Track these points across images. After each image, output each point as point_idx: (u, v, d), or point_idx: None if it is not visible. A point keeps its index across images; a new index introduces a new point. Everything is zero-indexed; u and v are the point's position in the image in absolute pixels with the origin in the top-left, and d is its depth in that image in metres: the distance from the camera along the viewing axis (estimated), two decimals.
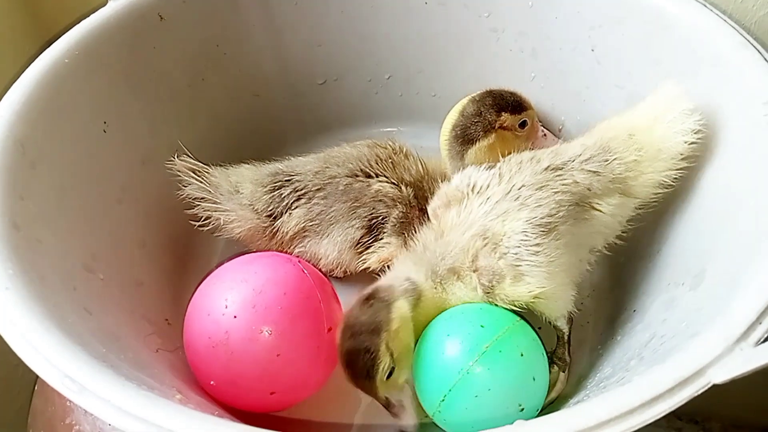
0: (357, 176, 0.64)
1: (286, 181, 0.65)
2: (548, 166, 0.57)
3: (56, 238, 0.52)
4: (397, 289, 0.53)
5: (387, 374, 0.51)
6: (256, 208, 0.64)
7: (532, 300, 0.53)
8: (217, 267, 0.57)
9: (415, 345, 0.54)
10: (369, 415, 0.59)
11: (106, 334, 0.49)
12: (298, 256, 0.62)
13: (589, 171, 0.56)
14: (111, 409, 0.38)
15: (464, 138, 0.64)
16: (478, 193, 0.57)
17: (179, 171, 0.64)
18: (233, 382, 0.52)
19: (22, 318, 0.42)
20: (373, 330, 0.50)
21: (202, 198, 0.64)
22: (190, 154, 0.65)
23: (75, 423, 0.59)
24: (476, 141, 0.64)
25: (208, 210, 0.64)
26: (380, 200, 0.63)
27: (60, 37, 0.60)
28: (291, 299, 0.53)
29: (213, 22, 0.70)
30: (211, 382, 0.53)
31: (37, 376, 0.41)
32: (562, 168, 0.57)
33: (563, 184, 0.55)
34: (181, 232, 0.67)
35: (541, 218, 0.53)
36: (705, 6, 0.60)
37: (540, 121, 0.69)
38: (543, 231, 0.53)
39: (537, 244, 0.53)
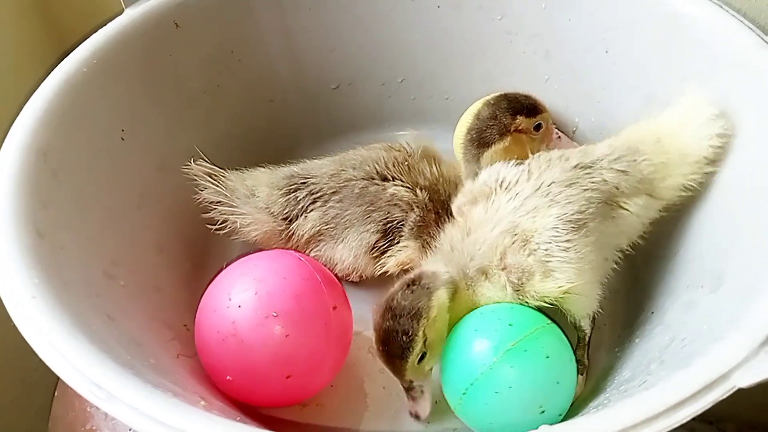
0: (373, 179, 0.64)
1: (301, 183, 0.65)
2: (577, 164, 0.57)
3: (78, 246, 0.53)
4: (440, 277, 0.54)
5: (419, 358, 0.52)
6: (272, 211, 0.64)
7: (561, 296, 0.53)
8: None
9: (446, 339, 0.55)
10: (374, 421, 0.59)
11: (129, 340, 0.49)
12: (296, 249, 0.63)
13: (618, 170, 0.57)
14: (140, 417, 0.38)
15: (480, 141, 0.64)
16: (506, 189, 0.57)
17: (196, 175, 0.65)
18: (248, 371, 0.53)
19: (49, 326, 0.42)
20: (414, 315, 0.52)
21: (218, 201, 0.65)
22: (206, 159, 0.66)
23: (95, 428, 0.60)
24: (492, 144, 0.64)
25: (225, 213, 0.65)
26: (395, 204, 0.63)
27: (78, 46, 0.61)
28: (291, 282, 0.54)
29: (228, 28, 0.70)
30: (228, 377, 0.53)
31: (58, 380, 0.41)
32: (591, 166, 0.57)
33: (592, 182, 0.56)
34: (198, 237, 0.67)
35: (572, 215, 0.54)
36: (720, 6, 0.59)
37: (554, 124, 0.69)
38: (573, 227, 0.54)
39: (567, 240, 0.53)
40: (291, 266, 0.56)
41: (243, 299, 0.52)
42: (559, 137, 0.68)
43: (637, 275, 0.64)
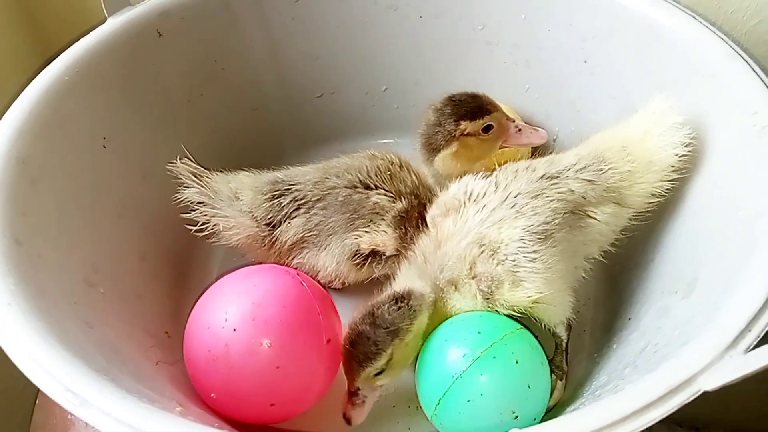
0: (356, 187, 0.65)
1: (285, 190, 0.65)
2: (543, 175, 0.58)
3: (57, 253, 0.53)
4: (425, 300, 0.54)
5: (376, 372, 0.53)
6: (255, 215, 0.64)
7: (531, 306, 0.54)
8: (216, 280, 0.58)
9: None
10: (354, 427, 0.59)
11: (107, 347, 0.49)
12: (296, 269, 0.62)
13: (584, 180, 0.57)
14: (112, 422, 0.38)
15: (429, 147, 0.64)
16: (474, 201, 0.58)
17: (180, 174, 0.64)
18: (233, 394, 0.53)
19: (24, 333, 0.42)
20: (391, 332, 0.52)
21: (201, 202, 0.64)
22: (192, 159, 0.66)
23: None
24: (440, 149, 0.64)
25: (207, 215, 0.64)
26: (377, 213, 0.63)
27: (60, 54, 0.61)
28: (290, 312, 0.53)
29: (211, 38, 0.71)
30: (212, 395, 0.53)
31: (39, 390, 0.41)
32: (558, 177, 0.58)
33: (558, 192, 0.56)
34: (180, 245, 0.67)
35: (538, 226, 0.54)
36: (695, 18, 0.61)
37: (518, 118, 0.68)
38: (540, 238, 0.54)
39: (534, 251, 0.54)
40: (292, 292, 0.55)
41: (239, 323, 0.52)
42: (520, 130, 0.65)
43: (616, 282, 0.65)
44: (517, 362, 0.51)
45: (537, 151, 0.68)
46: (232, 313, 0.52)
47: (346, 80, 0.79)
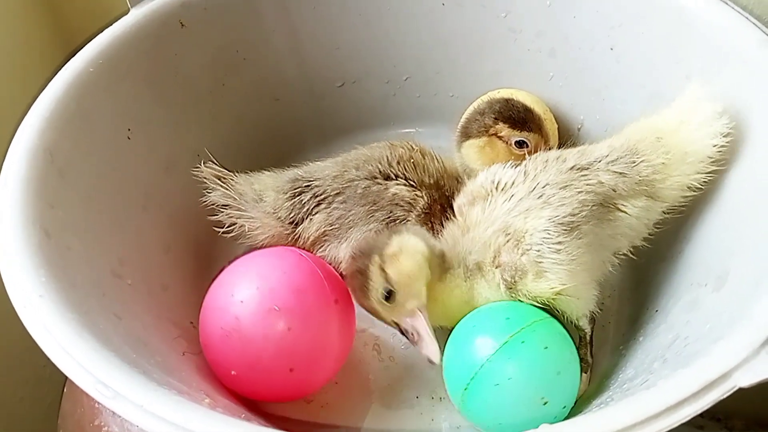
0: (375, 178, 0.64)
1: (305, 186, 0.65)
2: (574, 166, 0.57)
3: (85, 245, 0.53)
4: (421, 234, 0.56)
5: (384, 296, 0.53)
6: (279, 215, 0.65)
7: (554, 297, 0.54)
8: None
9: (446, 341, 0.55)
10: (379, 418, 0.59)
11: (135, 338, 0.50)
12: (298, 247, 0.63)
13: (615, 172, 0.56)
14: (145, 414, 0.38)
15: (463, 131, 0.66)
16: (502, 190, 0.58)
17: (205, 178, 0.65)
18: (251, 365, 0.53)
19: (56, 325, 0.43)
20: (366, 253, 0.54)
21: (227, 205, 0.65)
22: (214, 160, 0.66)
23: (104, 425, 0.60)
24: (470, 137, 0.65)
25: (233, 217, 0.65)
26: (397, 204, 0.63)
27: (84, 46, 0.61)
28: (292, 277, 0.55)
29: (233, 28, 0.70)
30: (232, 372, 0.54)
31: (66, 378, 0.42)
32: (588, 168, 0.57)
33: (587, 184, 0.56)
34: (204, 236, 0.68)
35: (564, 217, 0.54)
36: (726, 2, 0.59)
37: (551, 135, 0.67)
38: (565, 230, 0.54)
39: (559, 242, 0.53)
40: (292, 262, 0.57)
41: (245, 295, 0.53)
42: None
43: (642, 274, 0.64)
44: (545, 348, 0.51)
45: (566, 143, 0.67)
46: (237, 288, 0.54)
47: (368, 70, 0.79)
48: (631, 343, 0.59)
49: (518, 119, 0.64)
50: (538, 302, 0.54)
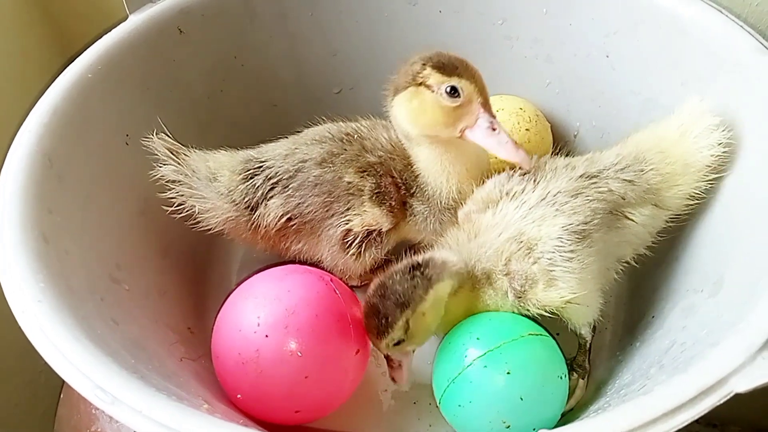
0: (325, 162, 0.61)
1: (257, 168, 0.62)
2: (584, 174, 0.57)
3: (82, 250, 0.53)
4: (448, 268, 0.53)
5: (394, 343, 0.53)
6: (233, 198, 0.61)
7: (563, 306, 0.54)
8: (247, 278, 0.57)
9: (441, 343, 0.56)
10: (375, 423, 0.60)
11: (133, 344, 0.50)
12: (329, 273, 0.60)
13: (625, 180, 0.57)
14: (143, 420, 0.38)
15: (393, 86, 0.59)
16: (512, 197, 0.57)
17: (155, 149, 0.60)
18: (260, 399, 0.53)
19: (54, 330, 0.43)
20: (401, 303, 0.51)
21: (177, 181, 0.60)
22: (169, 135, 0.63)
23: (100, 430, 0.60)
24: (399, 90, 0.57)
25: (184, 196, 0.61)
26: (353, 194, 0.60)
27: (83, 52, 0.61)
28: (322, 321, 0.53)
29: (231, 34, 0.71)
30: (238, 396, 0.53)
31: (63, 383, 0.42)
32: (597, 176, 0.57)
33: (598, 192, 0.56)
34: (201, 242, 0.67)
35: (577, 225, 0.54)
36: (720, 11, 0.60)
37: (494, 115, 0.57)
38: (578, 238, 0.54)
39: (571, 251, 0.53)
40: (325, 301, 0.54)
41: (271, 330, 0.51)
42: (495, 129, 0.55)
43: (639, 280, 0.65)
44: (508, 373, 0.50)
45: (562, 149, 0.67)
46: (265, 318, 0.52)
47: (365, 76, 0.79)
48: (628, 349, 0.60)
49: (449, 65, 0.55)
50: (546, 311, 0.54)
